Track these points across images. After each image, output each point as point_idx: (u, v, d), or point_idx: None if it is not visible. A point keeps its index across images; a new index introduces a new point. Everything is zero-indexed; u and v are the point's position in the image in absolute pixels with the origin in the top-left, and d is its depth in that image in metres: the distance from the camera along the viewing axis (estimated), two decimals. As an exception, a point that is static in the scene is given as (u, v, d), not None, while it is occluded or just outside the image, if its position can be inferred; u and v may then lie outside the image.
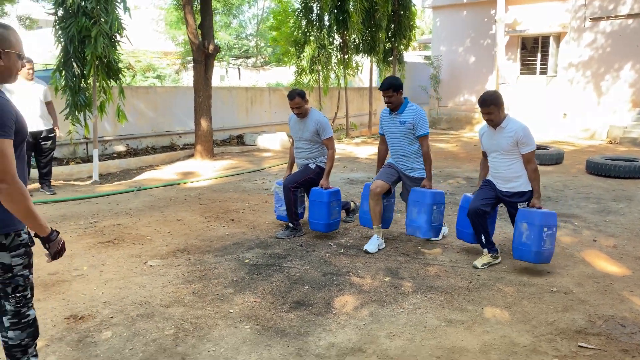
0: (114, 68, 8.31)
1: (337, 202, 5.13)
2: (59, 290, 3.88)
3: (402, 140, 4.75)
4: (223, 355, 2.98)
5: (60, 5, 7.91)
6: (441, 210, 4.72)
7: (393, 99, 4.63)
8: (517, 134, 4.12)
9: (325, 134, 5.13)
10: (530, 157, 4.16)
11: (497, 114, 4.15)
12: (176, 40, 28.53)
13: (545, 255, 4.11)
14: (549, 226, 4.05)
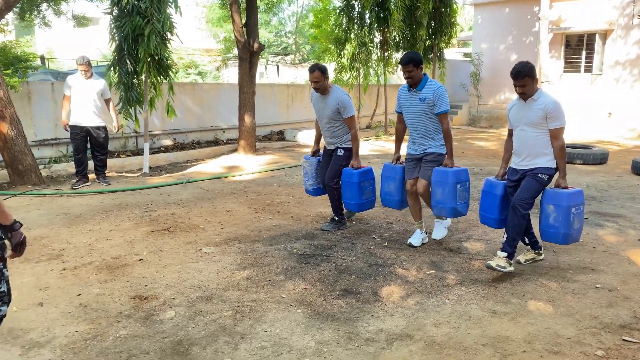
0: (164, 65, 8.67)
1: (369, 181, 5.14)
2: (122, 273, 4.17)
3: (422, 117, 4.61)
4: (279, 335, 3.18)
5: (116, 4, 8.31)
6: (466, 187, 4.61)
7: (413, 73, 4.49)
8: (547, 107, 3.95)
9: (347, 113, 5.05)
10: (558, 133, 3.97)
11: (530, 86, 3.99)
12: (217, 37, 29.08)
13: (574, 236, 4.09)
14: (577, 205, 4.00)
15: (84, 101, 7.20)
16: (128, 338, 3.13)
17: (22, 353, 2.95)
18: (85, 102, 7.21)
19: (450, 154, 4.60)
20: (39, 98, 8.86)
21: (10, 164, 7.06)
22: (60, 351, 2.97)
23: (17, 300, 3.62)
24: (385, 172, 5.09)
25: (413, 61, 4.46)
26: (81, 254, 4.57)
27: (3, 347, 3.01)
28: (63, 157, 9.01)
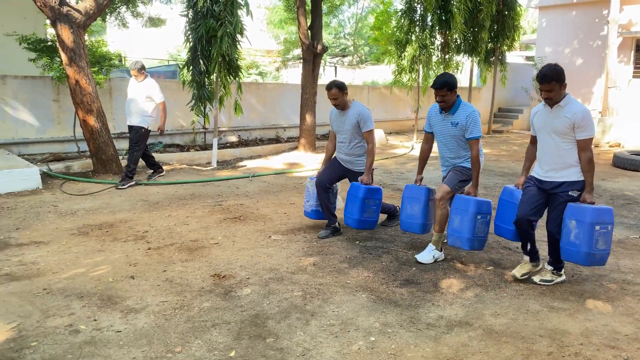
0: (234, 66, 9.15)
1: (375, 201, 4.87)
2: (201, 254, 4.57)
3: (452, 141, 4.44)
4: (345, 315, 3.46)
5: (192, 7, 8.86)
6: (486, 221, 4.28)
7: (447, 97, 4.29)
8: (575, 116, 3.66)
9: (366, 127, 4.91)
10: (586, 145, 3.68)
11: (558, 91, 3.71)
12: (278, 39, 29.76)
13: (598, 257, 3.74)
14: (603, 224, 3.66)
15: (131, 101, 7.34)
16: (211, 309, 3.49)
17: (122, 316, 3.36)
18: (131, 103, 7.33)
19: (476, 183, 4.34)
20: (118, 94, 9.55)
21: (95, 154, 7.70)
22: (154, 317, 3.37)
23: (112, 273, 4.08)
24: (409, 192, 4.71)
25: (447, 85, 4.24)
26: (163, 236, 5.03)
27: (105, 311, 3.43)
28: (138, 150, 9.66)
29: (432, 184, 5.46)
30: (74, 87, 7.34)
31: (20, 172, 6.75)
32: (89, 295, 3.65)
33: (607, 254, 3.79)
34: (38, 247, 4.63)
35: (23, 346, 2.96)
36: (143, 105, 7.26)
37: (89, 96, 7.40)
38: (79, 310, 3.42)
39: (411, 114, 14.42)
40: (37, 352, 2.90)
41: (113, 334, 3.12)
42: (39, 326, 3.19)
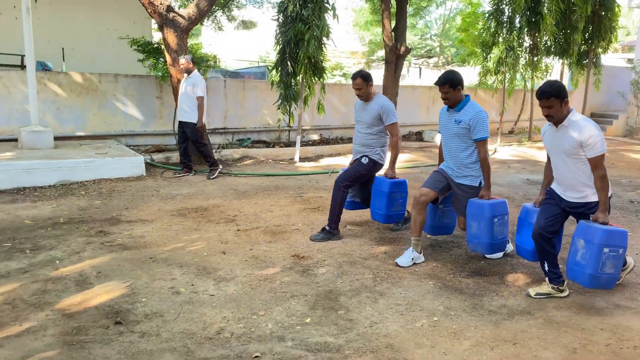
0: (319, 67, 9.63)
1: (401, 193, 4.89)
2: (283, 237, 5.04)
3: (455, 141, 4.29)
4: (412, 297, 3.75)
5: (283, 12, 9.44)
6: (504, 222, 4.23)
7: (449, 95, 4.18)
8: (582, 136, 3.47)
9: (389, 120, 4.83)
10: (597, 162, 3.48)
11: (558, 108, 3.51)
12: (363, 40, 30.16)
13: (603, 281, 3.56)
14: (613, 247, 3.47)
15: (179, 98, 7.68)
16: (290, 283, 3.92)
17: (215, 284, 3.87)
18: (179, 99, 7.67)
19: (488, 185, 4.23)
20: (213, 93, 10.36)
21: (192, 147, 8.46)
22: (242, 286, 3.85)
23: (206, 248, 4.63)
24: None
25: (449, 82, 4.14)
26: (250, 220, 5.56)
27: (201, 278, 3.97)
28: (229, 144, 10.42)
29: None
30: (175, 85, 8.14)
31: (129, 160, 7.61)
32: (187, 265, 4.21)
33: (615, 278, 3.62)
34: (144, 224, 5.32)
35: (135, 300, 3.53)
36: (189, 100, 7.42)
37: (189, 94, 8.15)
38: (179, 276, 3.98)
39: (496, 117, 14.19)
40: (146, 306, 3.46)
41: (207, 297, 3.63)
42: (147, 286, 3.77)
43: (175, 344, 2.99)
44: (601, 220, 3.51)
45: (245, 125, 10.97)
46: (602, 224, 3.49)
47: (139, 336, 3.06)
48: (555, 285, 3.79)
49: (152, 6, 7.68)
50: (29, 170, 6.83)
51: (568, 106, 3.56)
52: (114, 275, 3.96)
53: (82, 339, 2.99)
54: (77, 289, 3.69)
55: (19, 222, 5.22)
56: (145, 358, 2.82)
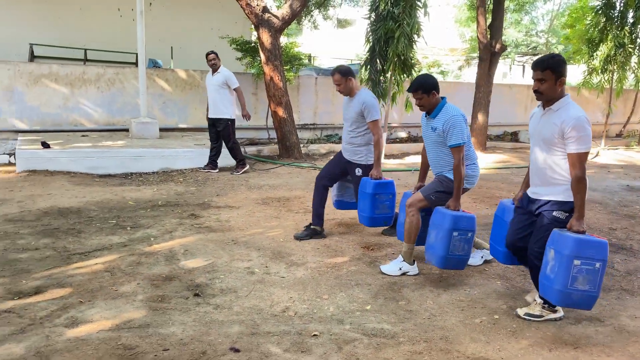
0: (409, 64, 9.64)
1: (388, 195, 4.58)
2: (356, 229, 5.22)
3: (434, 148, 4.02)
4: (476, 295, 3.76)
5: (374, 10, 9.58)
6: (466, 238, 3.79)
7: (423, 101, 3.91)
8: (564, 123, 3.02)
9: (370, 116, 4.54)
10: (576, 160, 3.02)
11: (551, 84, 3.07)
12: (463, 37, 29.32)
13: (575, 299, 3.05)
14: (586, 259, 2.98)
15: (209, 95, 7.64)
16: (356, 272, 4.10)
17: (286, 267, 4.15)
18: (210, 96, 7.61)
19: (457, 196, 3.85)
20: (305, 90, 10.76)
21: (281, 141, 8.90)
22: (310, 271, 4.09)
23: (283, 235, 4.94)
24: (404, 201, 4.30)
25: (422, 87, 3.89)
26: (327, 212, 5.76)
27: (275, 261, 4.26)
28: (317, 140, 10.77)
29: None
30: (268, 83, 8.60)
31: (224, 152, 8.17)
32: (264, 249, 4.53)
33: (592, 297, 3.06)
34: (230, 210, 5.75)
35: (214, 277, 3.90)
36: (220, 96, 7.40)
37: (280, 91, 8.59)
38: (255, 258, 4.31)
39: (601, 119, 13.29)
40: (223, 282, 3.81)
41: (278, 278, 3.92)
42: (226, 265, 4.13)
43: (244, 317, 3.29)
44: (575, 227, 3.04)
45: (334, 121, 11.25)
46: (576, 232, 3.03)
47: (213, 308, 3.40)
48: (545, 305, 3.35)
49: (249, 7, 8.17)
50: (137, 157, 7.60)
51: (563, 88, 3.11)
52: (199, 253, 4.38)
53: (165, 306, 3.38)
54: (165, 263, 4.14)
55: (124, 203, 5.87)
56: (216, 327, 3.15)
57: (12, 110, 8.72)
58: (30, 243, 4.43)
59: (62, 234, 4.70)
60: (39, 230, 4.78)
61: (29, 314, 3.19)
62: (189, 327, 3.12)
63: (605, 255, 3.01)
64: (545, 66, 3.07)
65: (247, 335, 3.05)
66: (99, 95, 9.32)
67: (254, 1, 8.15)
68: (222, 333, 3.07)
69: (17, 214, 5.22)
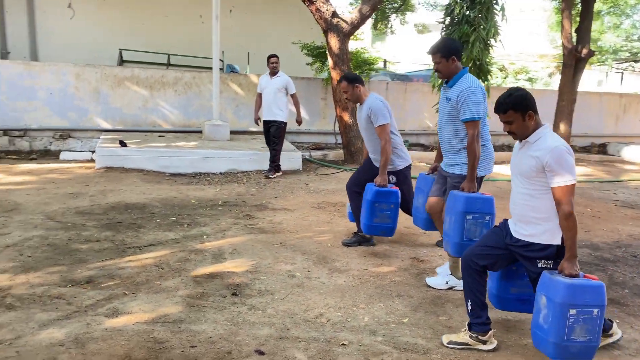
0: (484, 70, 9.24)
1: (389, 205, 4.33)
2: (409, 239, 5.06)
3: (445, 121, 3.74)
4: (526, 317, 3.49)
5: (449, 14, 9.30)
6: (482, 222, 3.52)
7: (441, 66, 3.64)
8: (543, 156, 2.71)
9: (377, 121, 4.35)
10: (561, 195, 2.67)
11: (520, 123, 2.80)
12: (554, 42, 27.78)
13: (574, 352, 2.65)
14: (582, 307, 2.60)
15: (265, 98, 7.53)
16: (400, 283, 3.96)
17: (328, 273, 4.09)
18: (266, 99, 7.52)
19: (471, 176, 3.58)
20: (375, 95, 10.65)
21: (346, 146, 8.86)
22: (352, 278, 4.00)
23: (331, 240, 4.88)
24: (418, 183, 4.32)
25: (440, 50, 3.61)
26: (382, 220, 5.67)
27: (317, 266, 4.22)
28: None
29: None
30: (335, 87, 8.60)
31: (288, 155, 8.27)
32: (310, 253, 4.51)
33: (591, 347, 2.68)
34: (285, 213, 5.79)
35: (255, 278, 3.93)
36: (278, 100, 7.41)
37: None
38: (299, 262, 4.29)
39: None
40: (262, 283, 3.82)
41: (317, 284, 3.87)
42: (269, 267, 4.15)
43: (276, 320, 3.28)
44: (567, 271, 2.66)
45: (404, 127, 11.03)
46: (569, 276, 2.65)
47: (247, 308, 3.41)
48: (474, 334, 3.02)
49: (318, 12, 8.23)
50: (205, 158, 7.87)
51: (535, 119, 2.81)
52: (246, 253, 4.43)
53: (202, 303, 3.45)
54: (212, 261, 4.23)
55: (186, 201, 6.09)
56: (246, 328, 3.16)
57: (98, 111, 9.37)
58: (93, 235, 4.70)
59: (123, 228, 4.95)
60: (104, 223, 5.07)
61: (76, 301, 3.38)
62: (220, 326, 3.15)
63: (602, 299, 2.64)
64: (505, 108, 2.81)
65: (274, 339, 3.03)
66: (176, 98, 9.79)
67: (323, 6, 8.19)
68: (251, 334, 3.07)
69: (87, 207, 5.58)
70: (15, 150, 8.82)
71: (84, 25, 11.94)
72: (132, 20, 12.26)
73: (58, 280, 3.69)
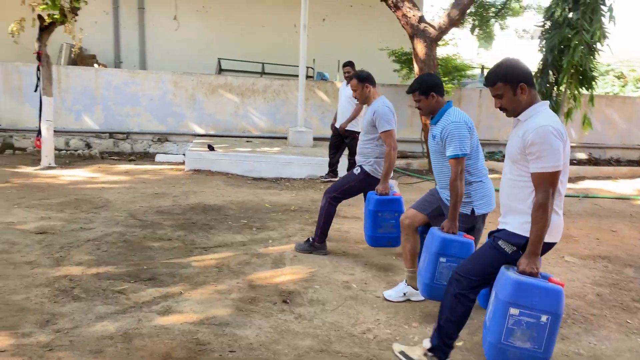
0: (588, 76, 8.49)
1: (392, 214, 4.13)
2: (482, 256, 4.71)
3: (434, 160, 3.52)
4: (603, 351, 3.10)
5: (549, 18, 8.66)
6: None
7: (421, 104, 3.45)
8: (526, 135, 2.39)
9: (381, 126, 4.15)
10: (537, 182, 2.37)
11: (509, 96, 2.49)
12: (684, 46, 24.91)
13: (511, 357, 2.38)
14: (527, 309, 2.34)
15: (340, 105, 7.43)
16: (462, 303, 3.68)
17: (385, 287, 3.91)
18: (340, 107, 7.41)
19: (451, 216, 3.24)
20: (466, 102, 10.20)
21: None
22: (410, 294, 3.80)
23: (396, 254, 4.68)
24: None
25: (419, 88, 3.43)
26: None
27: (376, 279, 4.06)
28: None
29: None
30: (421, 94, 8.32)
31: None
32: (370, 265, 4.36)
33: (535, 358, 2.36)
34: (355, 221, 5.68)
35: (309, 286, 3.86)
36: (351, 108, 7.18)
37: (432, 103, 8.26)
38: (358, 273, 4.16)
39: None
40: (316, 292, 3.75)
41: (372, 297, 3.72)
42: (326, 276, 4.06)
43: (321, 332, 3.18)
44: (522, 267, 2.40)
45: (498, 137, 10.45)
46: (524, 274, 2.38)
47: (294, 317, 3.35)
48: (431, 355, 2.76)
49: (405, 18, 8.03)
50: (287, 163, 7.99)
51: (530, 93, 2.49)
52: (306, 260, 4.38)
53: (251, 308, 3.44)
54: (271, 266, 4.23)
55: (261, 205, 6.20)
56: (289, 337, 3.10)
57: (194, 116, 9.89)
58: (167, 234, 4.92)
59: (196, 229, 5.13)
60: (179, 223, 5.29)
61: (135, 297, 3.52)
62: (263, 333, 3.12)
63: (556, 307, 2.35)
64: (492, 80, 2.54)
65: (315, 351, 2.95)
66: (265, 105, 10.06)
67: (410, 11, 7.98)
68: (292, 344, 3.01)
69: (168, 207, 5.87)
70: (118, 152, 9.57)
71: (187, 36, 12.70)
72: (230, 31, 12.83)
73: (124, 275, 3.88)
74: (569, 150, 2.47)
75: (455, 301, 2.66)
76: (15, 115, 9.28)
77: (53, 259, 4.10)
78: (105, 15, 12.52)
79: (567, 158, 2.45)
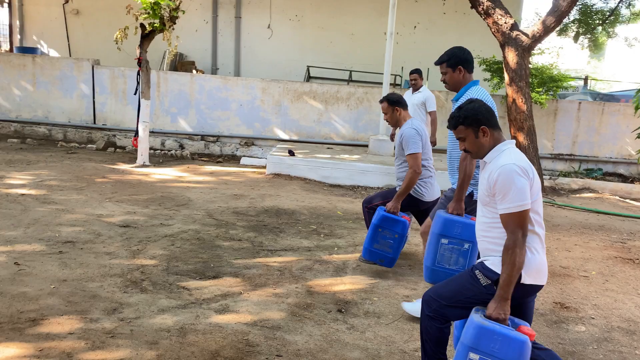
0: None
1: (392, 233, 4.04)
2: (561, 281, 4.37)
3: (451, 142, 3.44)
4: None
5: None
6: (460, 250, 3.08)
7: (447, 77, 3.41)
8: (491, 177, 2.32)
9: (407, 149, 4.12)
10: (506, 223, 2.27)
11: (471, 139, 2.44)
12: None
13: None
14: (488, 356, 2.16)
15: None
16: (529, 330, 3.43)
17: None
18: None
19: (459, 196, 3.21)
20: (563, 116, 9.55)
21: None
22: (473, 315, 3.60)
23: (467, 270, 4.48)
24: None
25: (446, 60, 3.37)
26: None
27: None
28: (573, 173, 9.40)
29: None
30: (510, 105, 7.93)
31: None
32: (435, 280, 4.19)
33: None
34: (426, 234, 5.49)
35: (367, 297, 3.79)
36: (417, 117, 6.87)
37: (522, 114, 7.83)
38: (421, 289, 4.02)
39: None
40: (373, 305, 3.67)
41: (431, 314, 3.57)
42: (387, 289, 3.97)
43: (371, 345, 3.11)
44: (490, 312, 2.24)
45: (598, 154, 9.66)
46: (490, 319, 2.21)
47: (347, 327, 3.31)
48: None
49: (495, 25, 7.69)
50: (364, 171, 7.95)
51: (493, 136, 2.41)
52: (368, 271, 4.32)
53: (305, 314, 3.45)
54: (332, 274, 4.21)
55: (333, 212, 6.21)
56: (337, 346, 3.06)
57: (279, 122, 10.15)
58: (238, 234, 5.08)
59: (266, 231, 5.25)
60: (252, 224, 5.44)
61: (197, 293, 3.67)
62: (312, 340, 3.11)
63: (518, 358, 2.14)
64: (454, 124, 2.49)
65: (361, 365, 2.88)
66: (347, 112, 10.09)
67: (501, 19, 7.63)
68: (339, 355, 2.97)
69: (244, 208, 6.06)
70: (207, 154, 10.06)
71: (279, 44, 13.10)
72: (321, 39, 13.05)
73: (191, 271, 4.05)
74: (539, 187, 2.35)
75: (428, 322, 2.54)
76: (119, 115, 10.08)
77: (130, 251, 4.38)
78: (204, 24, 13.27)
79: (538, 195, 2.31)
